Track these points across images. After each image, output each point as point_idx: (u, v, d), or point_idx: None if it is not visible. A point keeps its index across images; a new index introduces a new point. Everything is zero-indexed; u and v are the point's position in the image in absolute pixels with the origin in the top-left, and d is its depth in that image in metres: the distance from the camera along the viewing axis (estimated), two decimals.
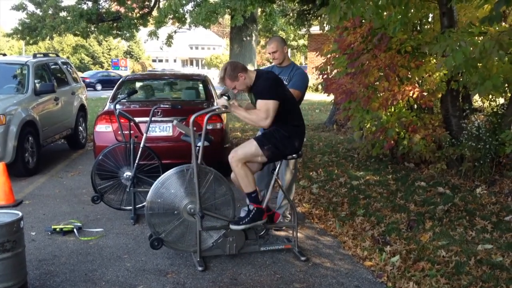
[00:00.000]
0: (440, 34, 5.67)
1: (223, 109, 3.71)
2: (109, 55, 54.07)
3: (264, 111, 3.60)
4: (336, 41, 7.21)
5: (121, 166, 5.12)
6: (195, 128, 3.78)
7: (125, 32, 17.89)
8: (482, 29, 5.18)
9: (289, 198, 4.36)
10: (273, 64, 4.71)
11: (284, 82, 4.38)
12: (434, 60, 6.57)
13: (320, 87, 9.18)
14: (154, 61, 63.47)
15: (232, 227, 3.80)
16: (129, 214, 5.02)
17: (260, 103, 3.63)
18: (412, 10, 6.26)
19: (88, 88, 16.17)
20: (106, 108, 6.44)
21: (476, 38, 5.24)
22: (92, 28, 17.91)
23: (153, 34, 16.78)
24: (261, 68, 13.15)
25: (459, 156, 6.21)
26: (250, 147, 3.71)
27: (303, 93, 4.48)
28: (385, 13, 6.16)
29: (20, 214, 3.22)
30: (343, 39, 6.95)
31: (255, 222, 3.79)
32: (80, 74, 13.70)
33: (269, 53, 4.60)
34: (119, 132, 5.36)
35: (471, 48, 4.82)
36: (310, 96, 21.34)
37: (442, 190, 5.61)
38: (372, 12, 5.06)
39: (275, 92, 3.65)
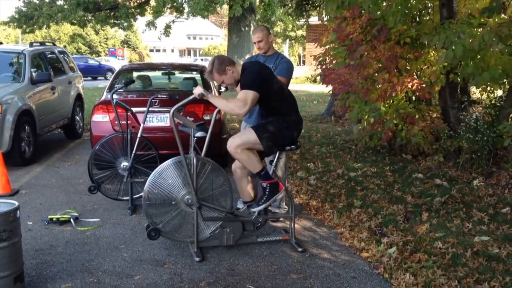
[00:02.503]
0: (439, 26, 5.65)
1: (200, 98, 3.65)
2: (106, 44, 53.80)
3: (243, 98, 3.52)
4: (335, 31, 7.16)
5: (118, 156, 5.10)
6: (192, 118, 3.77)
7: (122, 21, 17.78)
8: (482, 20, 5.15)
9: (286, 189, 4.35)
10: (258, 53, 4.72)
11: None
12: (433, 52, 6.55)
13: (318, 78, 9.14)
14: (151, 50, 63.18)
15: (254, 209, 3.82)
16: (126, 204, 5.01)
17: (241, 92, 3.59)
18: (412, 1, 6.22)
19: None
20: (103, 98, 6.40)
21: (476, 29, 5.22)
22: (89, 17, 17.80)
23: (151, 24, 16.69)
24: (247, 57, 13.04)
25: (456, 148, 6.21)
26: (248, 135, 3.69)
27: (288, 80, 4.53)
28: (384, 4, 6.13)
29: (17, 203, 3.20)
30: (342, 29, 6.91)
31: (274, 196, 3.81)
32: None
33: (254, 43, 4.63)
34: (116, 122, 5.34)
35: (470, 40, 4.80)
36: (308, 87, 21.30)
37: (439, 182, 5.62)
38: (371, 3, 5.03)
39: (257, 85, 3.58)
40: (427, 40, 5.40)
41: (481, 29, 5.15)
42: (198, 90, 3.62)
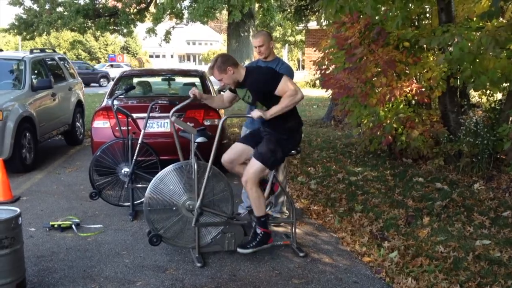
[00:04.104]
0: (438, 28, 5.67)
1: (259, 119, 3.74)
2: (106, 50, 53.93)
3: (290, 88, 3.60)
4: (334, 36, 7.19)
5: (119, 162, 5.11)
6: (192, 124, 3.79)
7: (122, 27, 17.83)
8: (481, 24, 5.18)
9: (287, 193, 4.36)
10: (258, 58, 4.71)
11: None
12: (433, 57, 6.56)
13: (317, 82, 9.14)
14: (151, 56, 63.31)
15: (240, 250, 3.82)
16: (127, 210, 5.02)
17: (280, 86, 3.60)
18: (410, 5, 6.24)
19: None
20: (103, 104, 6.41)
21: (474, 33, 5.24)
22: (89, 24, 17.84)
23: (151, 31, 16.75)
24: (246, 62, 13.05)
25: (457, 151, 6.22)
26: (256, 168, 3.72)
27: None
28: (383, 8, 6.16)
29: (18, 210, 3.21)
30: (340, 34, 6.93)
31: (262, 246, 3.83)
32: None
33: (255, 47, 4.61)
34: (117, 128, 5.35)
35: (469, 44, 4.82)
36: (308, 91, 21.31)
37: (440, 186, 5.62)
38: (372, 8, 5.05)
39: (278, 74, 3.71)
40: (426, 42, 5.41)
41: (479, 32, 5.17)
42: (256, 114, 3.67)
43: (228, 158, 3.96)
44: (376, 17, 6.16)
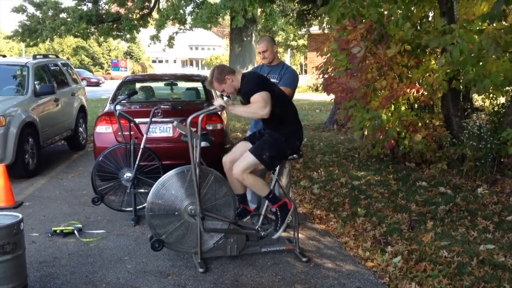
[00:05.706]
0: (438, 23, 5.67)
1: (221, 109, 3.72)
2: (109, 56, 54.13)
3: (261, 100, 3.60)
4: (336, 40, 7.19)
5: (122, 167, 5.11)
6: (194, 129, 3.78)
7: (125, 33, 17.90)
8: (483, 26, 5.16)
9: (289, 198, 4.33)
10: (263, 63, 4.72)
11: (275, 80, 4.40)
12: (434, 61, 6.54)
13: (320, 87, 9.12)
14: (154, 61, 63.49)
15: (274, 236, 3.89)
16: (129, 215, 5.01)
17: (255, 96, 3.63)
18: (413, 9, 6.24)
19: None
20: (106, 109, 6.42)
21: (475, 36, 5.22)
22: (92, 29, 17.92)
23: (155, 37, 16.81)
24: (249, 67, 13.04)
25: (460, 155, 6.19)
26: (248, 160, 3.72)
27: (293, 90, 4.53)
28: (385, 12, 6.16)
29: (20, 216, 3.21)
30: (342, 38, 6.93)
31: (287, 215, 3.86)
32: None
33: (259, 52, 4.62)
34: (119, 133, 5.35)
35: (471, 47, 4.81)
36: (310, 96, 21.33)
37: (444, 190, 5.59)
38: (374, 12, 5.07)
39: (263, 86, 3.70)
40: (428, 41, 5.39)
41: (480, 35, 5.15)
42: (218, 102, 3.69)
43: (229, 158, 3.96)
44: (378, 18, 6.15)
